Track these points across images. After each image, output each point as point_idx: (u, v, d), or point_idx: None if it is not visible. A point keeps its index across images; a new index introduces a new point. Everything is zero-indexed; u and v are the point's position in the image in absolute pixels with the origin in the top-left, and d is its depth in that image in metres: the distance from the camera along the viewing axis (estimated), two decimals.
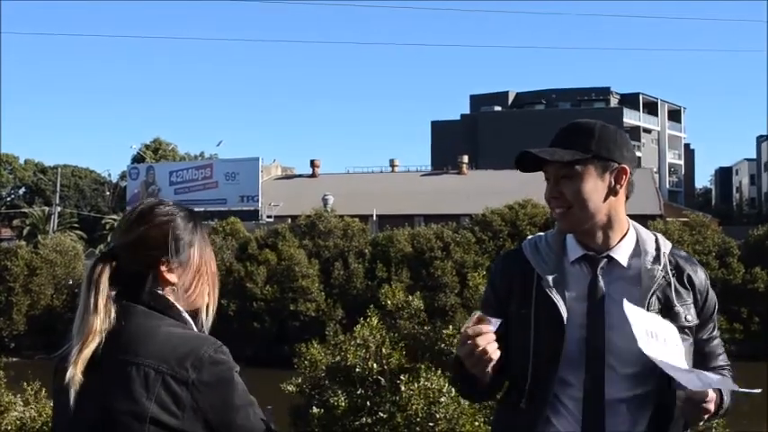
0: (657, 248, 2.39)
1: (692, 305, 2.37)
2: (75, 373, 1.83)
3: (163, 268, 1.98)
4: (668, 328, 2.27)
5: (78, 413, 1.85)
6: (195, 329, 2.02)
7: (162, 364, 1.84)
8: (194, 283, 2.03)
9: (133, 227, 2.00)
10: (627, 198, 2.40)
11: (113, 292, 1.94)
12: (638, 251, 2.38)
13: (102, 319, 1.88)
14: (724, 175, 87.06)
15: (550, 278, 2.36)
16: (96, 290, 1.90)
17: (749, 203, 75.87)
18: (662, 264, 2.35)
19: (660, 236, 2.46)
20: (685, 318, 2.34)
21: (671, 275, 2.35)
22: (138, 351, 1.86)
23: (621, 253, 2.37)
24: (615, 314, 2.28)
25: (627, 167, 2.35)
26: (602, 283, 2.33)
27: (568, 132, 2.37)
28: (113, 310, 1.90)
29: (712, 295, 2.44)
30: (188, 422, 1.84)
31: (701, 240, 33.85)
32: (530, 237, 2.54)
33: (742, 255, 33.99)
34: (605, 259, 2.36)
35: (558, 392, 2.33)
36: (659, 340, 2.20)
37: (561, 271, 2.38)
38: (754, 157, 79.00)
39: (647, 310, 2.28)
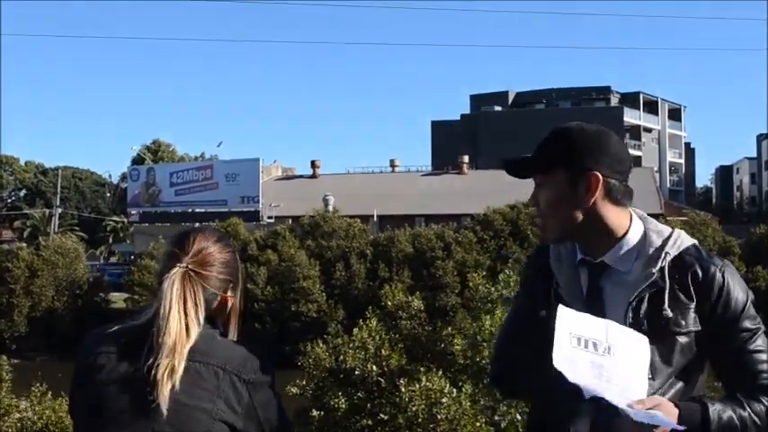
0: (661, 248, 2.25)
1: (693, 311, 2.17)
2: (175, 370, 1.97)
3: (229, 293, 2.20)
4: (629, 340, 2.09)
5: (148, 406, 1.96)
6: None
7: (227, 364, 2.03)
8: (233, 309, 2.26)
9: (223, 248, 2.21)
10: (618, 203, 2.25)
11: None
12: (639, 254, 2.27)
13: (198, 325, 2.05)
14: (724, 173, 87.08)
15: (564, 283, 2.33)
16: (195, 299, 2.08)
17: (750, 202, 75.89)
18: (658, 266, 2.21)
19: (677, 234, 2.29)
20: (679, 323, 2.17)
21: (668, 278, 2.20)
22: (205, 353, 2.03)
23: (617, 258, 2.27)
24: (614, 319, 2.20)
25: (599, 174, 2.20)
26: (601, 287, 2.27)
27: (545, 139, 2.31)
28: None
29: (735, 297, 2.18)
30: (243, 419, 2.02)
31: (701, 239, 33.79)
32: None
33: (743, 253, 34.00)
34: (600, 265, 2.28)
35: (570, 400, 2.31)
36: (597, 351, 2.04)
37: (573, 276, 2.33)
38: (755, 155, 79.01)
39: (632, 313, 2.18)
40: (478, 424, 8.75)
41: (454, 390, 9.02)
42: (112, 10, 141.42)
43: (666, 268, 2.22)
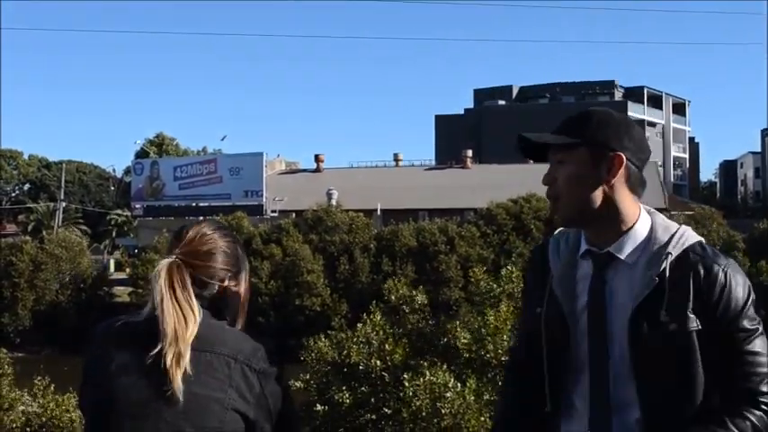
0: (665, 246, 2.22)
1: (692, 311, 2.13)
2: (182, 357, 1.97)
3: (228, 283, 2.18)
4: None
5: (160, 396, 1.97)
6: None
7: (239, 353, 2.04)
8: (240, 300, 2.25)
9: (222, 238, 2.21)
10: (633, 191, 2.25)
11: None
12: (645, 248, 2.25)
13: (196, 313, 2.05)
14: (728, 168, 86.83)
15: (558, 276, 2.31)
16: (183, 288, 2.07)
17: (754, 197, 75.68)
18: (660, 267, 2.18)
19: (681, 231, 2.26)
20: (678, 325, 2.13)
21: (668, 279, 2.17)
22: (215, 344, 2.04)
23: (625, 249, 2.24)
24: (617, 315, 2.21)
25: (623, 156, 2.20)
26: (604, 279, 2.24)
27: (570, 118, 2.31)
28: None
29: (735, 299, 2.17)
30: (254, 408, 2.03)
31: (705, 234, 33.64)
32: (560, 230, 2.44)
33: (747, 248, 33.95)
34: (607, 256, 2.26)
35: (571, 392, 2.30)
36: None
37: (570, 268, 2.32)
38: (759, 150, 78.78)
39: (634, 320, 2.17)
40: (483, 418, 8.75)
41: (458, 384, 9.01)
42: (116, 4, 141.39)
43: (668, 270, 2.19)
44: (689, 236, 2.26)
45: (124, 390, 2.00)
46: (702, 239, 2.29)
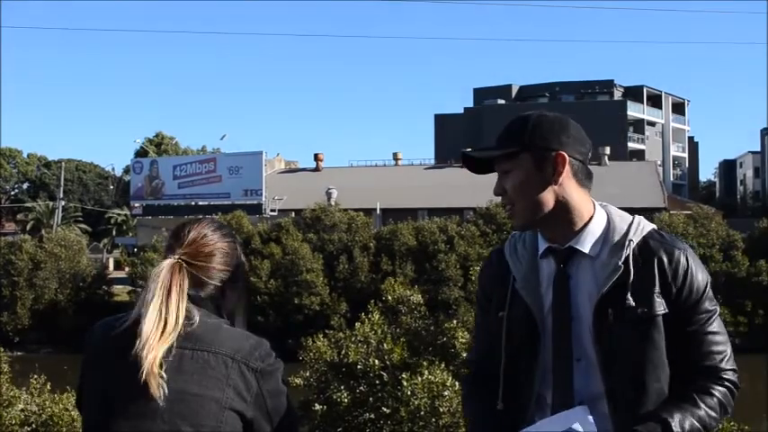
0: (625, 234, 2.28)
1: (659, 294, 2.20)
2: (155, 358, 1.96)
3: (230, 283, 2.19)
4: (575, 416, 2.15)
5: (147, 396, 1.96)
6: None
7: (236, 353, 2.03)
8: (238, 300, 2.25)
9: (222, 238, 2.21)
10: (582, 185, 2.30)
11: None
12: (605, 238, 2.29)
13: (180, 316, 2.04)
14: (728, 167, 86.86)
15: (521, 276, 2.34)
16: (179, 290, 2.07)
17: (753, 196, 75.71)
18: (623, 255, 2.23)
19: (639, 219, 2.32)
20: (644, 310, 2.19)
21: (632, 265, 2.22)
22: (213, 343, 2.03)
23: (585, 242, 2.28)
24: (582, 306, 2.25)
25: (564, 153, 2.24)
26: (567, 274, 2.28)
27: (506, 127, 2.35)
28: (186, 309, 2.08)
29: (696, 279, 2.23)
30: (252, 407, 2.02)
31: (704, 233, 33.83)
32: (512, 234, 2.49)
33: (746, 247, 33.98)
34: (569, 251, 2.29)
35: (542, 391, 2.31)
36: None
37: (533, 269, 2.34)
38: (759, 149, 78.81)
39: (601, 307, 2.21)
40: None
41: (456, 383, 9.02)
42: (116, 3, 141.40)
43: (631, 256, 2.24)
44: (645, 224, 2.33)
45: (118, 390, 2.00)
46: (655, 226, 2.36)
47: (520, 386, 2.31)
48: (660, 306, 2.20)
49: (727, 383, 2.22)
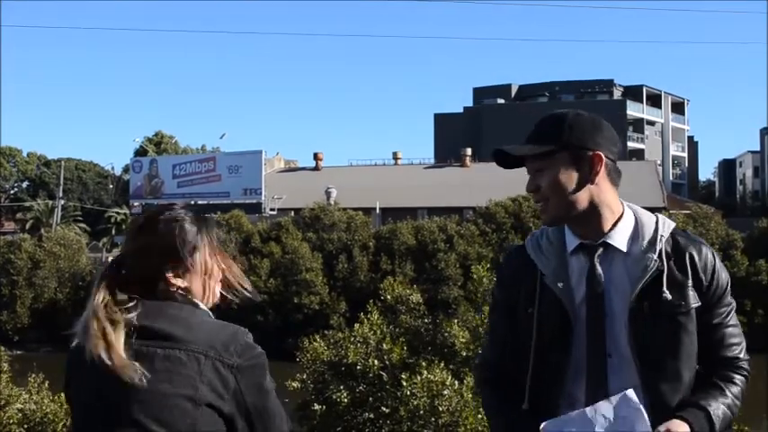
0: (656, 231, 2.33)
1: (692, 288, 2.28)
2: (120, 360, 1.90)
3: (169, 275, 2.06)
4: (618, 405, 2.15)
5: (115, 396, 1.92)
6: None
7: (209, 349, 1.95)
8: (204, 285, 2.12)
9: (139, 234, 2.09)
10: (614, 183, 2.34)
11: (127, 295, 2.02)
12: (636, 235, 2.34)
13: (99, 321, 1.95)
14: (727, 167, 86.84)
15: (550, 271, 2.34)
16: (98, 295, 1.99)
17: (753, 196, 75.70)
18: (657, 250, 2.29)
19: (662, 217, 2.39)
20: (679, 303, 2.26)
21: (665, 260, 2.28)
22: (184, 338, 1.96)
23: (618, 238, 2.32)
24: (615, 301, 2.27)
25: (601, 153, 2.28)
26: (599, 270, 2.30)
27: (540, 125, 2.37)
28: (123, 312, 1.98)
29: (721, 277, 2.33)
30: (229, 404, 1.95)
31: (704, 233, 33.78)
32: (533, 232, 2.51)
33: (745, 247, 33.99)
34: (602, 246, 2.32)
35: (572, 390, 2.31)
36: None
37: (562, 264, 2.35)
38: (758, 149, 78.80)
39: (638, 300, 2.25)
40: (480, 416, 8.75)
41: (456, 382, 9.02)
42: (115, 3, 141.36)
43: (664, 251, 2.30)
44: (668, 221, 2.41)
45: (95, 393, 1.97)
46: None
47: (548, 385, 2.32)
48: (694, 299, 2.29)
49: (745, 372, 2.37)
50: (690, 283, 2.29)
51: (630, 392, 2.15)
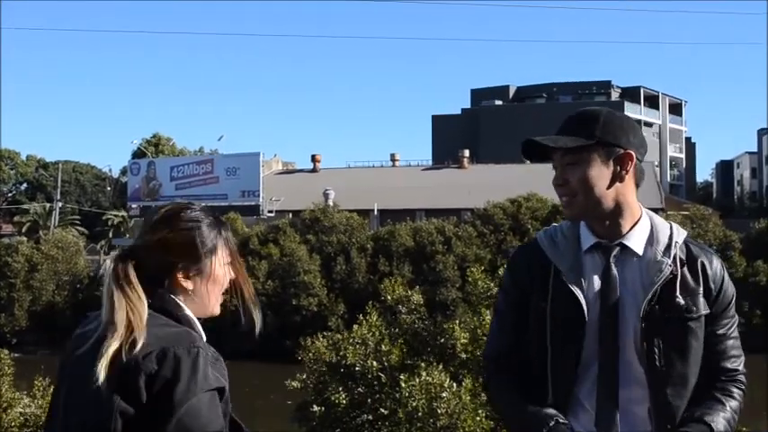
0: (670, 237, 2.35)
1: (702, 295, 2.30)
2: (103, 364, 1.85)
3: (180, 275, 2.01)
4: None
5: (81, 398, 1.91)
6: (201, 333, 2.02)
7: (143, 355, 1.86)
8: (209, 291, 2.07)
9: (157, 228, 2.03)
10: (637, 185, 2.35)
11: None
12: (651, 239, 2.35)
13: (140, 314, 1.90)
14: (725, 168, 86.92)
15: (566, 267, 2.34)
16: (131, 287, 1.94)
17: (750, 197, 75.75)
18: (672, 255, 2.31)
19: (675, 225, 2.41)
20: (691, 308, 2.28)
21: (679, 266, 2.30)
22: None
23: (635, 240, 2.33)
24: (629, 302, 2.28)
25: (632, 153, 2.30)
26: (614, 271, 2.31)
27: (574, 120, 2.36)
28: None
29: (729, 287, 2.36)
30: (144, 414, 1.84)
31: (702, 234, 33.82)
32: (545, 228, 2.50)
33: (743, 248, 34.01)
34: (618, 247, 2.33)
35: (575, 389, 2.32)
36: None
37: (577, 261, 2.35)
38: (756, 150, 78.87)
39: (650, 303, 2.26)
40: (479, 418, 8.76)
41: (454, 384, 9.01)
42: (114, 3, 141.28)
43: (678, 257, 2.32)
44: (681, 230, 2.43)
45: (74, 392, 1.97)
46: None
47: (561, 380, 2.32)
48: (704, 307, 2.31)
49: (743, 387, 2.38)
50: (701, 290, 2.31)
51: None
